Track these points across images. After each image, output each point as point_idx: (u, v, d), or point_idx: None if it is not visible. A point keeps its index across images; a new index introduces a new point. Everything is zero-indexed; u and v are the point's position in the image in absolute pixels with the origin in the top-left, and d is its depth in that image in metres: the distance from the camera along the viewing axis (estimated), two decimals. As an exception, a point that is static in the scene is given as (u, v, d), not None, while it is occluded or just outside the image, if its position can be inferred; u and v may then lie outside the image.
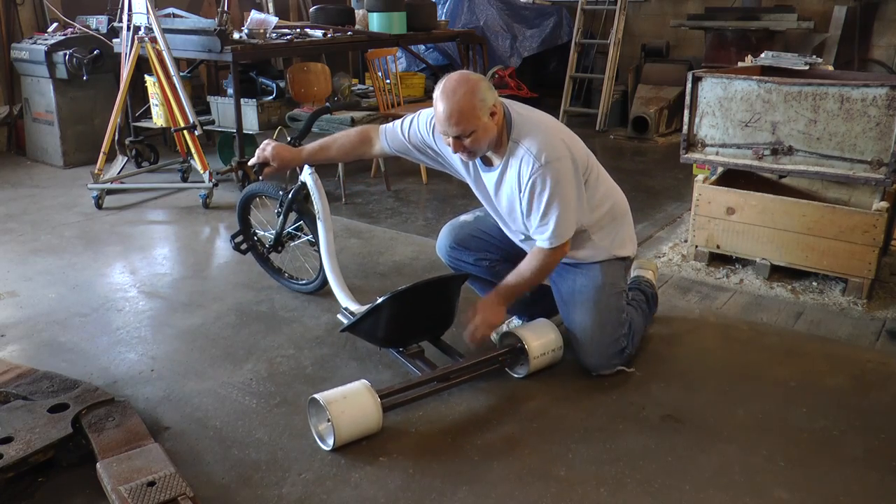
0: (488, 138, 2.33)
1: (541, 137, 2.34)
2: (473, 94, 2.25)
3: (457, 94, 2.25)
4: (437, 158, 2.62)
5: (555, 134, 2.39)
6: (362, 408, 2.20)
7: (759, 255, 3.39)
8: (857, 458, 2.17)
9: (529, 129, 2.36)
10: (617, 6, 6.89)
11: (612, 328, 2.54)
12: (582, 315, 2.54)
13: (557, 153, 2.33)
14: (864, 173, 3.07)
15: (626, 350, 2.59)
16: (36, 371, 2.47)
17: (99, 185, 4.59)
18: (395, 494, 2.02)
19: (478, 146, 2.34)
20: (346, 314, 2.75)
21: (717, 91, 3.33)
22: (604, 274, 2.56)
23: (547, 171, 2.30)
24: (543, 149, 2.32)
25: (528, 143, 2.34)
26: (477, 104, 2.25)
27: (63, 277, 3.51)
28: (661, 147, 6.29)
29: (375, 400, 2.22)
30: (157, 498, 1.84)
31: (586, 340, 2.53)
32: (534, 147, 2.32)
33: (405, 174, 5.27)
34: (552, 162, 2.31)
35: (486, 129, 2.30)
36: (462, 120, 2.25)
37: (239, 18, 6.41)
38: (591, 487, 2.05)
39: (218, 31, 4.60)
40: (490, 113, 2.29)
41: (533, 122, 2.40)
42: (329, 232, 2.92)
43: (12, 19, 5.76)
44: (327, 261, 2.90)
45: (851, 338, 2.90)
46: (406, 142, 2.63)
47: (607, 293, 2.55)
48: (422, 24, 6.11)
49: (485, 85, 2.29)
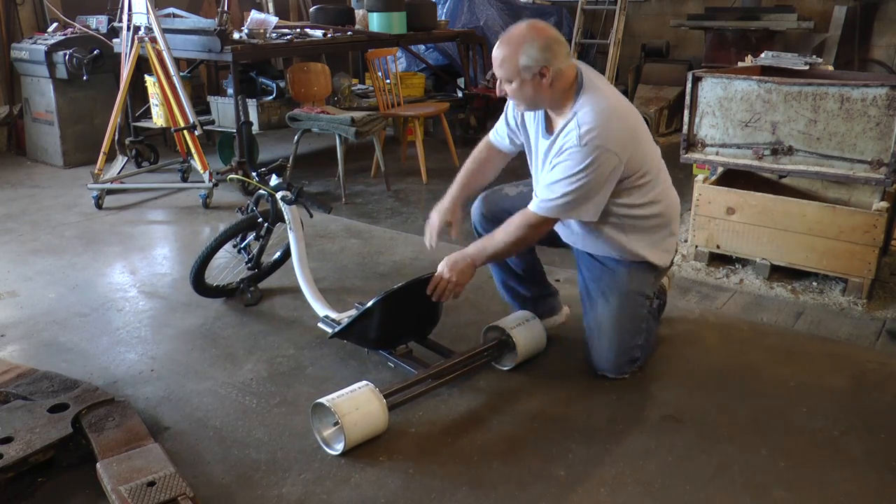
0: (534, 98, 2.29)
1: (600, 119, 2.23)
2: (519, 47, 2.22)
3: (509, 40, 2.25)
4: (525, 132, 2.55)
5: (615, 121, 2.26)
6: (369, 409, 2.19)
7: (759, 255, 3.39)
8: (857, 458, 2.17)
9: (594, 104, 2.25)
10: (617, 6, 6.89)
11: (630, 335, 2.51)
12: (602, 315, 2.51)
13: (605, 142, 2.22)
14: (864, 173, 3.07)
15: (637, 361, 2.57)
16: (36, 371, 2.47)
17: (99, 185, 4.59)
18: (395, 494, 2.02)
19: (518, 98, 2.31)
20: (328, 322, 2.73)
21: (717, 91, 3.33)
22: (631, 279, 2.50)
23: (585, 153, 2.21)
24: (594, 129, 2.21)
25: (584, 117, 2.23)
26: (520, 58, 2.22)
27: (63, 277, 3.51)
28: (661, 147, 6.26)
29: (381, 401, 2.22)
30: (157, 498, 1.84)
31: (603, 341, 2.51)
32: (586, 123, 2.22)
33: (405, 174, 5.27)
34: (595, 147, 2.21)
35: (527, 88, 2.26)
36: (501, 63, 2.26)
37: (239, 18, 6.41)
38: (591, 487, 2.05)
39: (218, 31, 4.60)
40: (537, 73, 2.22)
41: (601, 99, 2.28)
42: (300, 242, 2.92)
43: (12, 19, 5.76)
44: (299, 271, 2.90)
45: (851, 338, 2.90)
46: (506, 127, 2.61)
47: (631, 298, 2.51)
48: (422, 24, 6.11)
49: (540, 44, 2.21)
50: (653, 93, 6.65)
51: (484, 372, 2.60)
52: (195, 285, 3.09)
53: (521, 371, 2.61)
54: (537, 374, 2.60)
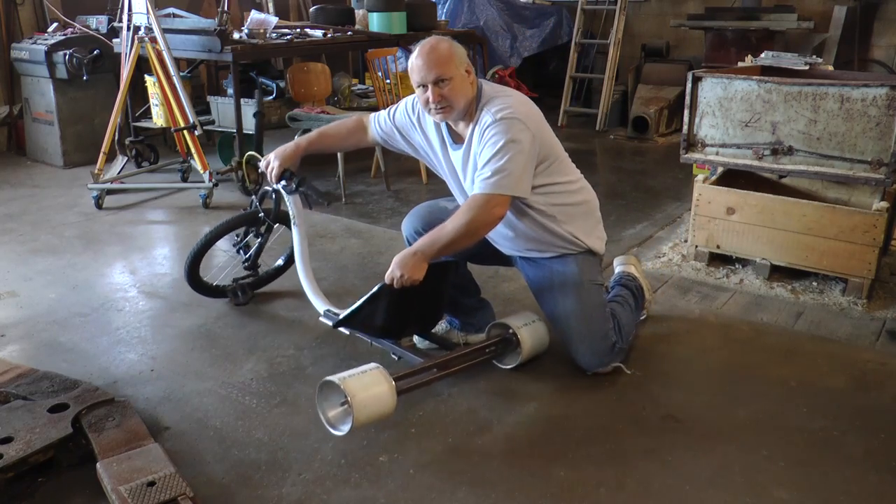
0: (464, 95, 2.37)
1: (507, 101, 2.38)
2: (451, 46, 2.38)
3: (435, 44, 2.37)
4: (417, 140, 2.63)
5: (520, 104, 2.40)
6: (379, 391, 2.14)
7: (759, 255, 3.39)
8: (857, 458, 2.17)
9: (497, 98, 2.40)
10: (617, 6, 6.89)
11: (598, 323, 2.53)
12: (567, 311, 2.53)
13: (516, 115, 2.34)
14: (864, 173, 3.07)
15: (616, 345, 2.56)
16: (36, 371, 2.47)
17: (99, 185, 4.60)
18: (395, 494, 2.02)
19: (454, 98, 2.36)
20: (330, 315, 2.71)
21: (717, 91, 3.33)
22: (580, 270, 2.55)
23: (502, 125, 2.31)
24: (504, 108, 2.34)
25: (491, 106, 2.37)
26: (454, 53, 2.37)
27: (63, 277, 3.51)
28: (661, 147, 6.29)
29: (391, 383, 2.18)
30: (157, 498, 1.84)
31: (575, 337, 2.53)
32: (494, 108, 2.36)
33: (405, 174, 5.27)
34: (509, 119, 2.32)
35: (462, 83, 2.36)
36: (440, 62, 2.33)
37: (239, 18, 6.41)
38: (591, 487, 2.05)
39: (218, 31, 4.60)
40: (466, 70, 2.38)
41: (502, 94, 2.43)
42: (304, 239, 2.91)
43: (12, 19, 5.76)
44: (301, 268, 2.89)
45: (851, 338, 2.90)
46: (392, 125, 2.67)
47: (587, 288, 2.54)
48: (422, 24, 6.10)
49: (460, 48, 2.40)
50: (653, 93, 6.65)
51: (484, 372, 2.60)
52: (189, 277, 3.06)
53: (522, 371, 2.61)
54: (537, 374, 2.60)
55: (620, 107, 7.11)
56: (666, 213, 4.45)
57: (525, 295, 3.23)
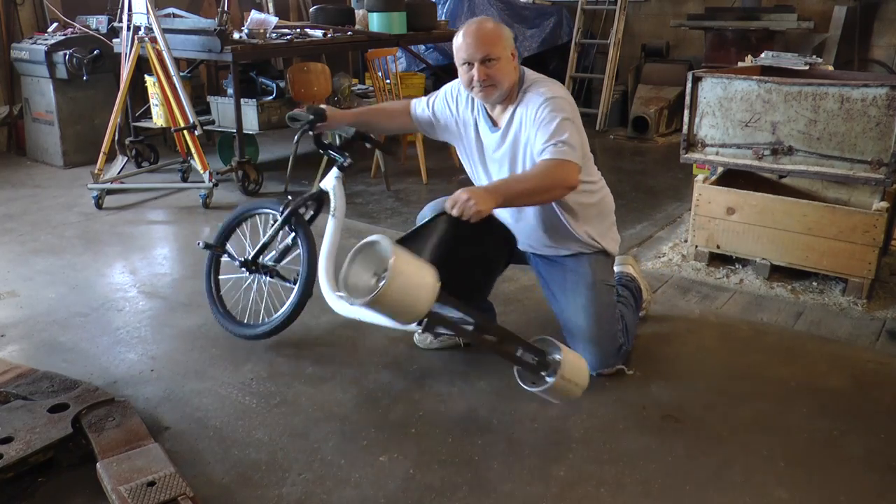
0: (509, 76, 2.40)
1: (552, 88, 2.42)
2: (498, 27, 2.40)
3: (482, 23, 2.40)
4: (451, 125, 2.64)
5: (562, 92, 2.45)
6: (424, 282, 1.89)
7: (759, 255, 3.39)
8: (857, 458, 2.17)
9: (541, 83, 2.45)
10: (617, 6, 6.89)
11: (609, 324, 2.55)
12: (578, 311, 2.54)
13: (565, 96, 2.41)
14: (864, 173, 3.07)
15: (623, 347, 2.59)
16: (36, 371, 2.47)
17: (99, 185, 4.59)
18: (395, 494, 2.02)
19: (500, 78, 2.38)
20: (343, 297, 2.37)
21: (717, 91, 3.33)
22: (593, 270, 2.58)
23: (556, 103, 2.35)
24: (548, 92, 2.39)
25: (537, 88, 2.41)
26: (502, 35, 2.39)
27: (63, 277, 3.51)
28: (661, 147, 6.29)
29: (436, 287, 1.92)
30: (157, 498, 1.84)
31: (586, 337, 2.53)
32: (542, 89, 2.40)
33: (405, 174, 5.27)
34: (562, 98, 2.38)
35: (508, 64, 2.39)
36: (488, 41, 2.35)
37: (239, 18, 6.41)
38: (591, 487, 2.05)
39: (218, 31, 4.60)
40: (511, 53, 2.40)
41: (546, 81, 2.49)
42: (337, 232, 2.82)
43: (12, 19, 5.76)
44: (324, 260, 2.75)
45: (851, 338, 2.90)
46: (430, 111, 2.69)
47: (600, 289, 2.56)
48: (422, 24, 6.10)
49: (507, 29, 2.43)
50: (653, 93, 6.65)
51: (484, 372, 2.60)
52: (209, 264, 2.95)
53: (521, 371, 2.61)
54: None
55: (620, 107, 7.11)
56: (666, 213, 4.45)
57: (525, 295, 3.24)
